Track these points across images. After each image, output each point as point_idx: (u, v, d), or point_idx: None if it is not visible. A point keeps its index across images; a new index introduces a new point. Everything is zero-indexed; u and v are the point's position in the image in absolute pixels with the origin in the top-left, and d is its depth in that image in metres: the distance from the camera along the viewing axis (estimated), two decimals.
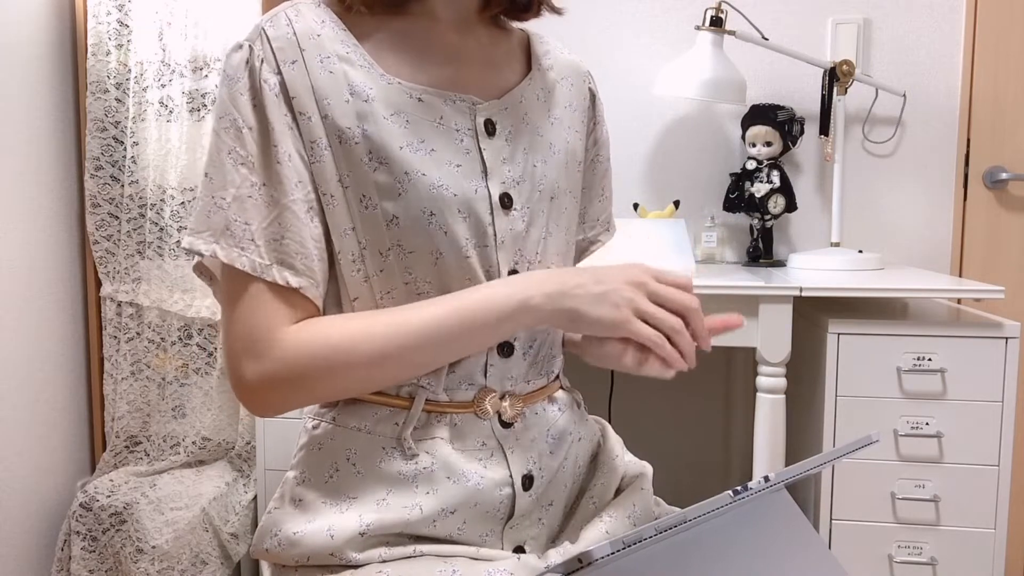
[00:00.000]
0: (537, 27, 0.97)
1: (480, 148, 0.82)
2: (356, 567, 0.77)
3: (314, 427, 0.84)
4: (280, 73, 0.77)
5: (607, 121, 1.01)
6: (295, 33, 0.78)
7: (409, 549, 0.78)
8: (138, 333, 2.03)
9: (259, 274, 0.75)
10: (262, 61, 0.77)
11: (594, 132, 0.97)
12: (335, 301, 0.81)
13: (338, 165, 0.78)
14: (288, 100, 0.77)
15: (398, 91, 0.79)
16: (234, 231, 0.76)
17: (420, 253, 0.78)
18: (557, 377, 0.92)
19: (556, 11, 0.92)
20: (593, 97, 0.98)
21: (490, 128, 0.83)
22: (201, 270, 0.83)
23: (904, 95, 2.01)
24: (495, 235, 0.81)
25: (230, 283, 0.77)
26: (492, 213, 0.81)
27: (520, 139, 0.85)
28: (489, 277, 0.81)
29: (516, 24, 0.94)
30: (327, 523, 0.78)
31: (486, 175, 0.81)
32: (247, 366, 0.76)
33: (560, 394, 0.91)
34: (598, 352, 0.83)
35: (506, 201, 0.82)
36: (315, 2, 0.82)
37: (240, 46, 0.79)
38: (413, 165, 0.78)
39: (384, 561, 0.77)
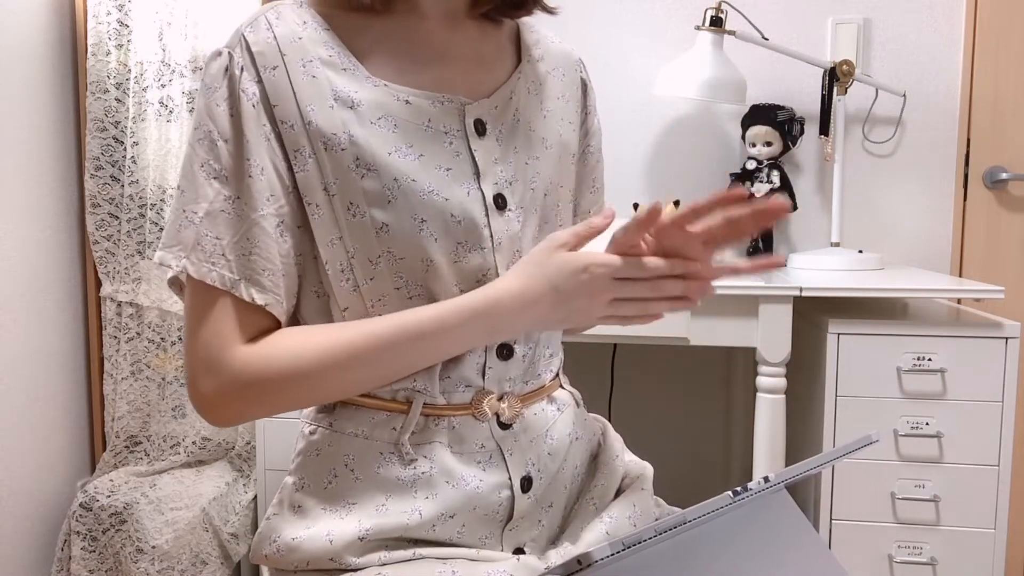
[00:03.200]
0: (536, 24, 0.96)
1: (471, 149, 0.80)
2: (355, 571, 0.77)
3: (311, 432, 0.83)
4: (261, 81, 0.76)
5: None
6: (276, 38, 0.77)
7: (408, 552, 0.78)
8: (138, 333, 2.03)
9: (228, 288, 0.75)
10: (242, 69, 0.76)
11: (586, 122, 0.96)
12: (324, 312, 0.80)
13: (323, 173, 0.76)
14: (269, 109, 0.76)
15: (385, 94, 0.78)
16: (204, 246, 0.75)
17: (410, 260, 0.77)
18: (556, 376, 0.92)
19: (549, 11, 0.89)
20: (585, 86, 0.96)
21: (480, 128, 0.82)
22: (174, 282, 0.82)
23: (904, 95, 2.01)
24: (492, 236, 0.80)
25: (196, 297, 0.77)
26: (487, 215, 0.80)
27: (512, 137, 0.84)
28: (487, 280, 0.80)
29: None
30: (326, 529, 0.78)
31: (478, 177, 0.80)
32: (203, 381, 0.76)
33: (559, 393, 0.90)
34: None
35: (500, 202, 0.81)
36: (297, 2, 0.81)
37: (219, 53, 0.77)
38: (402, 171, 0.76)
39: (384, 564, 0.77)
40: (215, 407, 0.77)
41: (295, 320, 0.82)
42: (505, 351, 0.82)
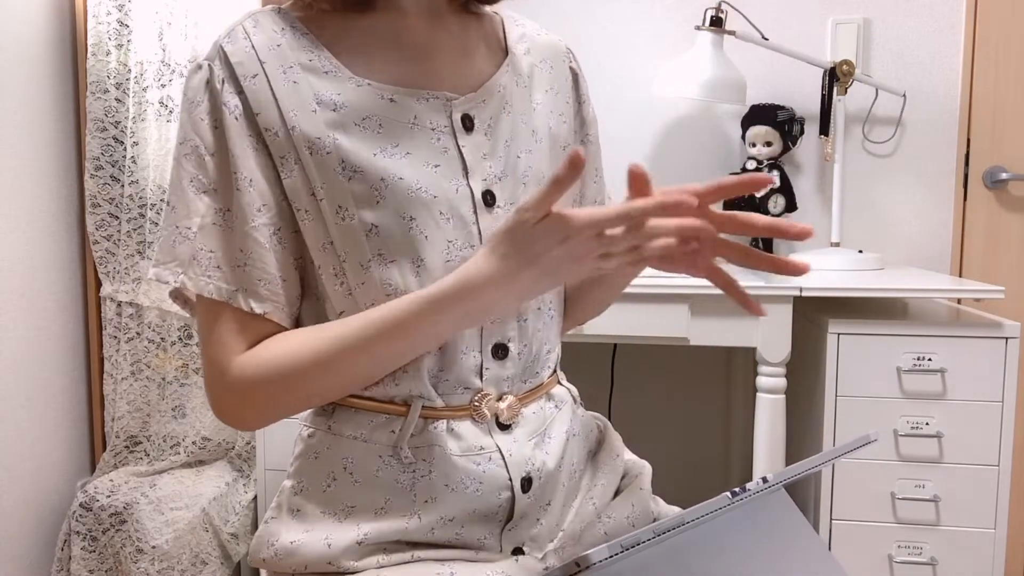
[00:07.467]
0: (521, 18, 0.94)
1: (459, 145, 0.80)
2: (353, 574, 0.77)
3: (310, 435, 0.83)
4: (242, 91, 0.76)
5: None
6: (254, 47, 0.77)
7: (407, 555, 0.78)
8: (138, 333, 2.03)
9: (225, 299, 0.76)
10: (223, 82, 0.76)
11: (580, 112, 0.94)
12: (321, 317, 0.80)
13: (310, 178, 0.76)
14: (252, 118, 0.76)
15: (368, 93, 0.77)
16: (200, 260, 0.76)
17: (401, 262, 0.77)
18: (554, 372, 0.91)
19: None
20: (575, 76, 0.94)
21: (468, 123, 0.81)
22: (176, 296, 0.82)
23: (904, 95, 2.01)
24: (480, 234, 0.79)
25: (202, 310, 0.78)
26: (476, 212, 0.79)
27: (501, 131, 0.83)
28: None
29: (489, 8, 0.90)
30: (324, 532, 0.78)
31: (467, 173, 0.79)
32: (216, 391, 0.78)
33: (557, 390, 0.90)
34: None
35: (489, 199, 0.80)
36: (275, 9, 0.80)
37: (199, 67, 0.77)
38: (389, 170, 0.76)
39: (382, 567, 0.77)
40: (232, 414, 0.79)
41: (297, 324, 0.82)
42: (500, 351, 0.82)
